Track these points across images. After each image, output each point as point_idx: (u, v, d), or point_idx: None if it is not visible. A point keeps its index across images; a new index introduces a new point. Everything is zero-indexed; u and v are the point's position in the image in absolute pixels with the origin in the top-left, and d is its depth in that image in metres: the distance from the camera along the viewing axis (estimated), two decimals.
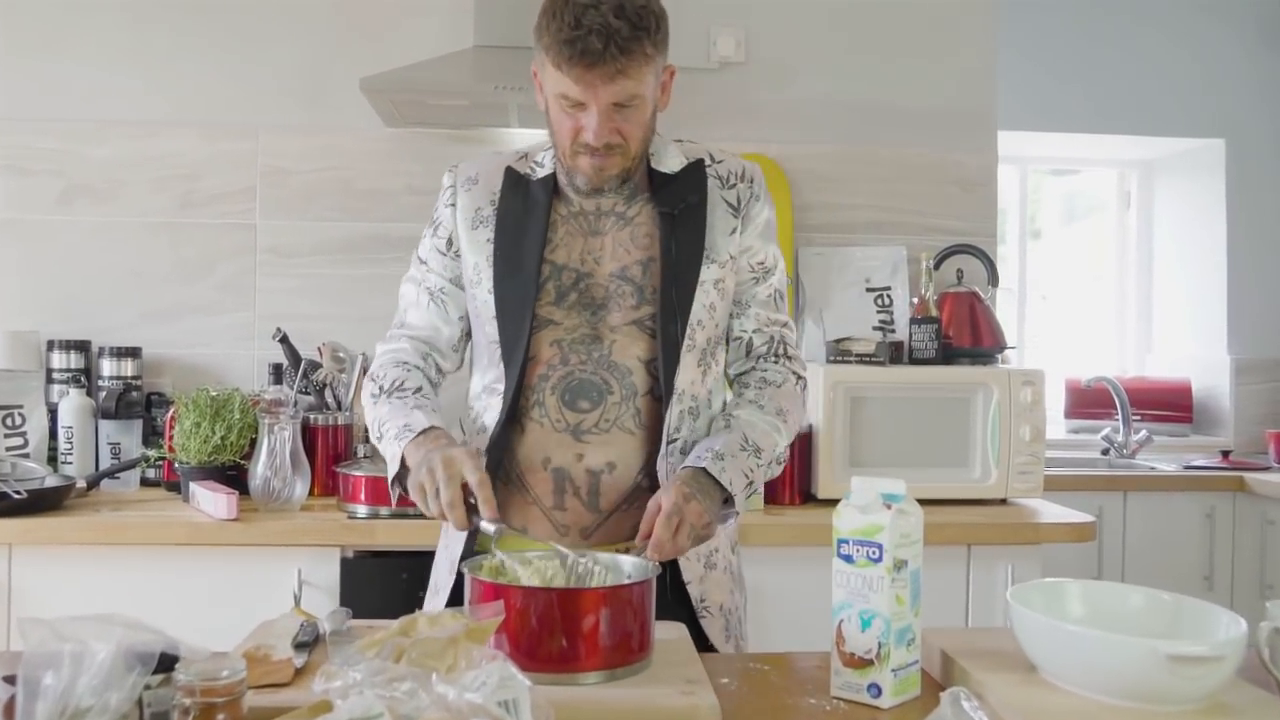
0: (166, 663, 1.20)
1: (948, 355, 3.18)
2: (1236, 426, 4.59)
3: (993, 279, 3.40)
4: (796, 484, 3.04)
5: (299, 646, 1.49)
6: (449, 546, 1.87)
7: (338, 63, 3.41)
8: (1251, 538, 3.90)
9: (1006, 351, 3.29)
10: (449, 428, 1.79)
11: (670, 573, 1.75)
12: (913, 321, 3.21)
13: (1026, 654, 1.42)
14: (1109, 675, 1.31)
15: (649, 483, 1.77)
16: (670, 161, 1.85)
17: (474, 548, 1.76)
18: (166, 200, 3.39)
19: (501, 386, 1.79)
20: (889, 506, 1.42)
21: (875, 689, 1.40)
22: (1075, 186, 5.26)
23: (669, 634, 1.56)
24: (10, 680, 1.41)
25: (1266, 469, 4.07)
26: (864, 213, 3.58)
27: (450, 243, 1.88)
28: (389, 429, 1.77)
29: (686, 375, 1.80)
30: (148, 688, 1.17)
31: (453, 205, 1.88)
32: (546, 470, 1.78)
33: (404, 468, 1.73)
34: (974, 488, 3.04)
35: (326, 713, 1.14)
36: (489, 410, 1.82)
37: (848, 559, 1.43)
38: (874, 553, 1.41)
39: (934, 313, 3.22)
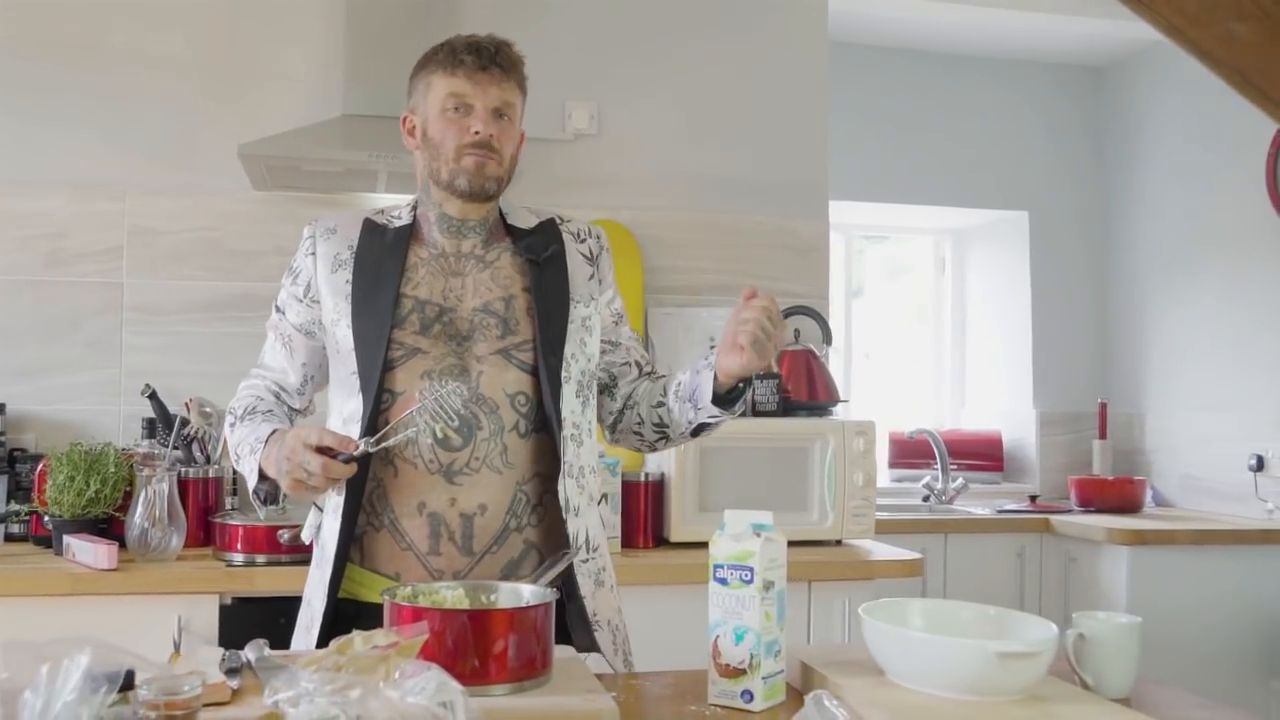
0: (126, 682, 1.32)
1: (787, 408, 3.42)
2: (1042, 474, 4.90)
3: (826, 338, 3.67)
4: (650, 528, 3.23)
5: (229, 673, 1.62)
6: (323, 578, 1.93)
7: (207, 126, 3.49)
8: (1056, 572, 4.19)
9: (840, 405, 3.55)
10: None
11: (566, 589, 1.89)
12: (755, 377, 3.44)
13: (876, 660, 1.63)
14: (947, 673, 1.53)
15: (515, 523, 1.90)
16: (524, 219, 2.05)
17: (361, 496, 1.87)
18: (31, 258, 3.41)
19: (359, 415, 1.87)
20: (759, 535, 1.62)
21: (748, 695, 1.58)
22: (893, 251, 5.52)
23: (563, 654, 1.73)
24: None
25: (1068, 511, 4.38)
26: (709, 275, 3.79)
27: (308, 289, 1.99)
28: (244, 449, 1.90)
29: (568, 405, 1.93)
30: (107, 706, 1.27)
31: (312, 254, 2.00)
32: (422, 515, 1.87)
33: (264, 479, 1.87)
34: (813, 530, 3.27)
35: None
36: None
37: (723, 581, 1.63)
38: (746, 575, 1.61)
39: (775, 369, 3.46)
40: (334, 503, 1.93)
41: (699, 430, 2.01)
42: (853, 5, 4.31)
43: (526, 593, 1.69)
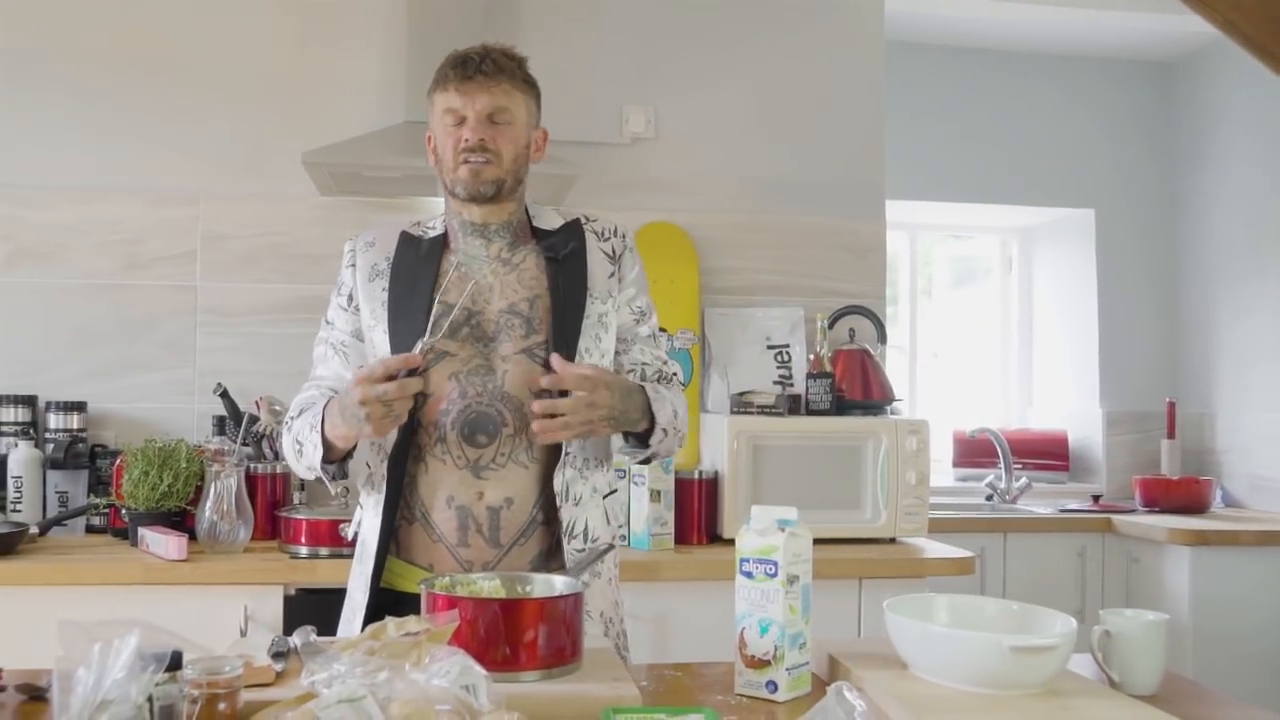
0: (173, 662, 1.40)
1: (841, 407, 3.45)
2: (1108, 474, 4.86)
3: (881, 337, 3.69)
4: (703, 525, 3.28)
5: (275, 656, 1.70)
6: (363, 571, 2.02)
7: (276, 134, 3.60)
8: (1118, 573, 4.17)
9: (894, 404, 3.56)
10: (357, 465, 2.03)
11: None
12: (809, 376, 3.47)
13: (899, 654, 1.68)
14: (964, 666, 1.57)
15: (543, 516, 1.98)
16: (550, 221, 2.12)
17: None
18: (110, 263, 3.54)
19: None
20: (783, 530, 1.67)
21: (772, 685, 1.63)
22: (961, 251, 5.52)
23: (596, 646, 1.79)
24: (21, 689, 1.62)
25: (1132, 511, 4.35)
26: (764, 276, 3.83)
27: (350, 299, 2.10)
28: (303, 434, 1.99)
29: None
30: (156, 684, 1.35)
31: (352, 266, 2.12)
32: (451, 508, 1.96)
33: (329, 461, 1.97)
34: (865, 528, 3.30)
35: (310, 702, 1.35)
36: (388, 437, 1.97)
37: (749, 575, 1.68)
38: (770, 569, 1.65)
39: (828, 368, 3.49)
40: (373, 500, 2.02)
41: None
42: (916, 6, 4.32)
43: (559, 584, 1.75)
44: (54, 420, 3.38)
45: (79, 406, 3.41)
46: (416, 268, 2.05)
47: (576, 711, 1.51)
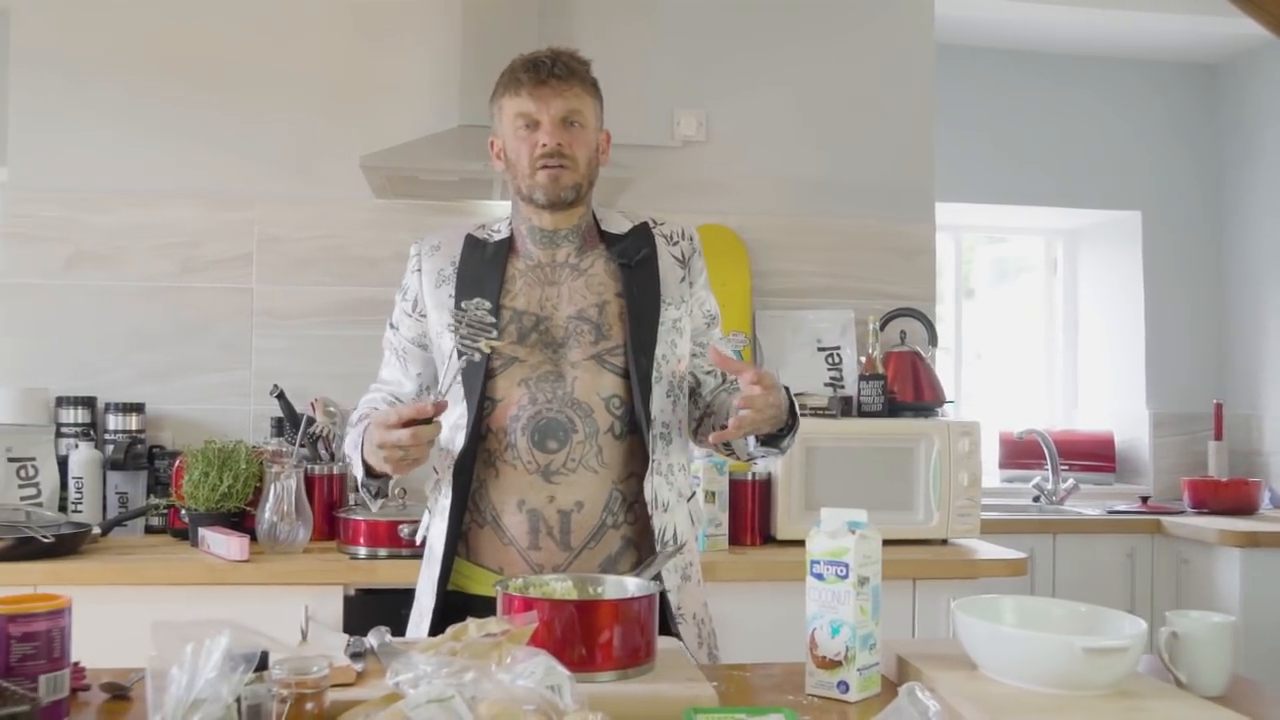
0: (260, 662, 1.43)
1: (893, 409, 3.45)
2: (1155, 475, 4.86)
3: (932, 339, 3.69)
4: (757, 526, 3.29)
5: (353, 656, 1.73)
6: (430, 574, 2.04)
7: (331, 138, 3.65)
8: (1167, 574, 4.16)
9: (945, 405, 3.57)
10: (424, 470, 2.02)
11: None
12: (861, 378, 3.48)
13: (969, 655, 1.68)
14: (1036, 667, 1.57)
15: (612, 520, 1.99)
16: (617, 224, 2.12)
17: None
18: (167, 265, 3.60)
19: (465, 421, 1.97)
20: (853, 532, 1.68)
21: (844, 685, 1.64)
22: (1005, 252, 5.50)
23: (666, 646, 1.81)
24: (105, 688, 1.65)
25: (1181, 512, 4.34)
26: (815, 279, 3.85)
27: (416, 304, 2.10)
28: (352, 451, 2.01)
29: (658, 404, 2.00)
30: (244, 684, 1.39)
31: (418, 270, 2.11)
32: (521, 512, 1.96)
33: (372, 476, 1.98)
34: (918, 529, 3.30)
35: (397, 702, 1.38)
36: (455, 443, 1.99)
37: (819, 577, 1.69)
38: (841, 571, 1.66)
39: (880, 370, 3.49)
40: (441, 505, 2.04)
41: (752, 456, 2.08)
42: (962, 10, 4.32)
43: (631, 585, 1.76)
44: (113, 421, 3.44)
45: (138, 408, 3.46)
46: (483, 272, 2.05)
47: (654, 711, 1.52)
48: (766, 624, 2.70)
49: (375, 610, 2.87)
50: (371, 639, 1.82)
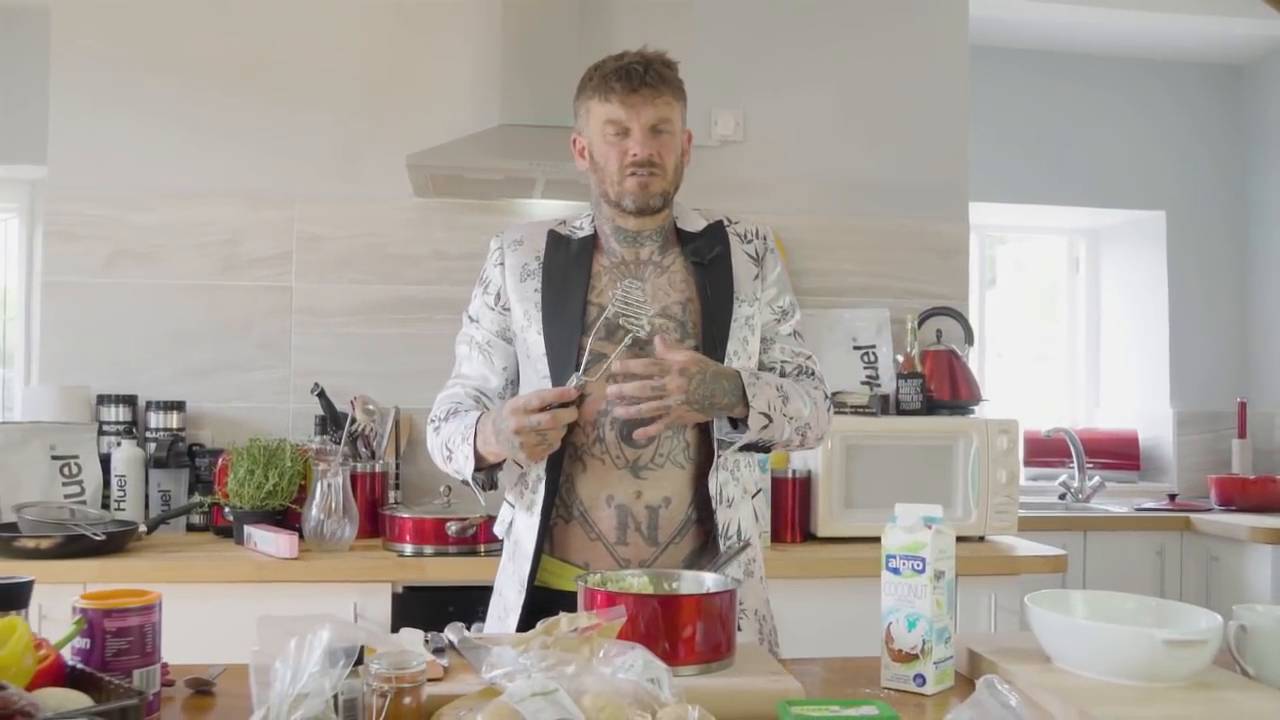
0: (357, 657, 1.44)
1: (930, 407, 3.48)
2: (1179, 473, 4.87)
3: (968, 338, 3.71)
4: (798, 524, 3.31)
5: (435, 652, 1.74)
6: (517, 570, 2.04)
7: (370, 137, 3.66)
8: (1198, 572, 4.18)
9: (981, 403, 3.59)
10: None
11: None
12: (900, 376, 3.50)
13: (1043, 647, 1.70)
14: (1115, 659, 1.59)
15: (697, 515, 2.01)
16: (693, 223, 2.13)
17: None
18: (208, 264, 3.61)
19: None
20: (929, 527, 1.70)
21: (920, 679, 1.66)
22: (1027, 251, 5.52)
23: (740, 640, 1.83)
24: (190, 684, 1.67)
25: (1209, 510, 4.36)
26: (851, 278, 3.87)
27: (499, 297, 2.11)
28: (454, 441, 2.00)
29: None
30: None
31: (501, 264, 2.12)
32: (610, 507, 1.98)
33: (479, 469, 1.98)
34: (957, 526, 3.29)
35: (494, 697, 1.38)
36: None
37: (895, 571, 1.70)
38: (918, 565, 1.68)
39: (919, 368, 3.52)
40: (528, 500, 2.04)
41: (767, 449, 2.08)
42: (987, 10, 4.34)
43: (708, 580, 1.78)
44: (154, 419, 3.46)
45: (178, 406, 3.48)
46: (568, 268, 2.06)
47: (743, 704, 1.54)
48: (811, 621, 2.72)
49: (424, 608, 2.90)
50: (450, 634, 1.84)
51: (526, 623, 1.96)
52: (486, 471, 2.02)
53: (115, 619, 1.53)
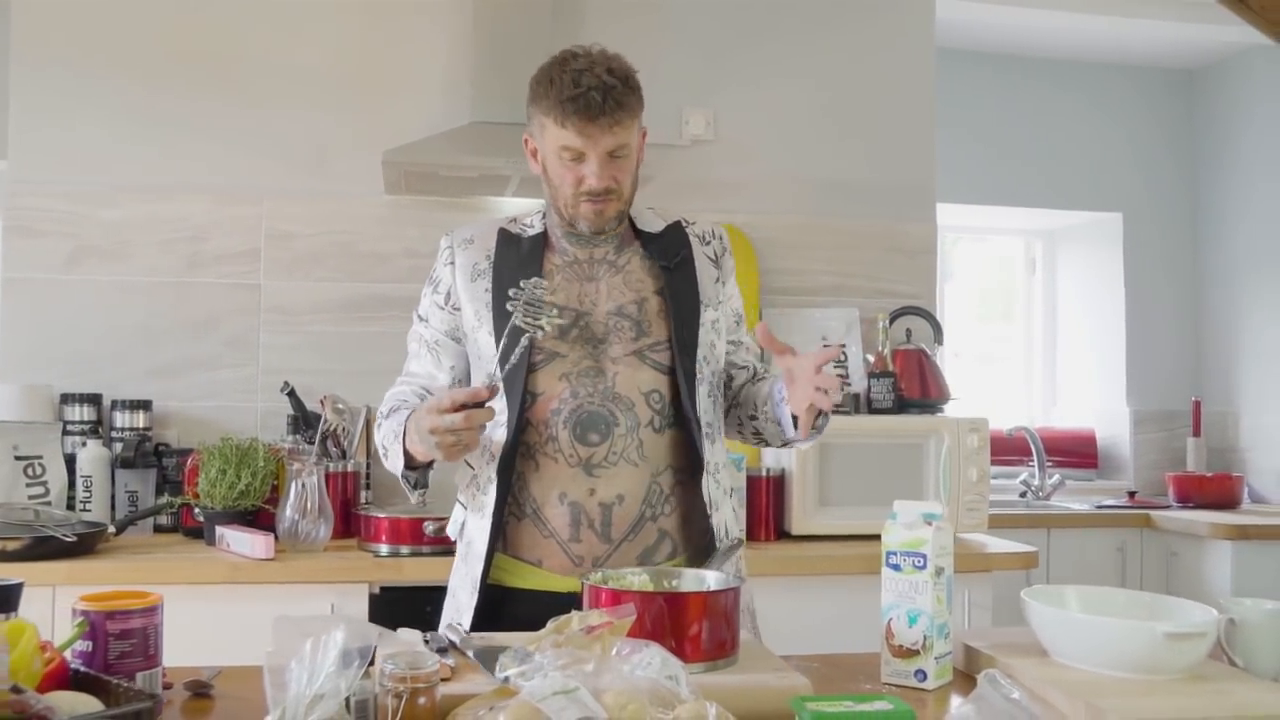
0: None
1: (901, 406, 3.51)
2: (1137, 471, 4.95)
3: (938, 338, 3.75)
4: (772, 522, 3.32)
5: (438, 652, 1.73)
6: (470, 571, 2.03)
7: (340, 134, 3.63)
8: (1158, 568, 4.26)
9: (951, 402, 3.63)
10: (457, 466, 2.03)
11: None
12: (871, 375, 3.52)
13: (1041, 641, 1.71)
14: (1115, 653, 1.60)
15: (651, 513, 1.99)
16: (650, 222, 2.12)
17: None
18: (174, 261, 3.55)
19: (505, 417, 1.95)
20: (929, 524, 1.72)
21: (921, 674, 1.68)
22: (982, 251, 5.57)
23: (742, 638, 1.83)
24: (189, 686, 1.65)
25: (1168, 507, 4.43)
26: (821, 277, 3.89)
27: (449, 297, 2.08)
28: (388, 441, 2.00)
29: (702, 405, 2.02)
30: None
31: (451, 264, 2.09)
32: (563, 505, 1.96)
33: (411, 467, 1.98)
34: None
35: (509, 697, 1.38)
36: (495, 438, 1.98)
37: (896, 568, 1.72)
38: (919, 561, 1.70)
39: (891, 367, 3.55)
40: (481, 501, 2.03)
41: (789, 442, 2.10)
42: (949, 13, 4.38)
43: (710, 579, 1.78)
44: (120, 419, 3.40)
45: (145, 405, 3.42)
46: (519, 266, 2.03)
47: (752, 701, 1.54)
48: (787, 619, 2.71)
49: (401, 608, 2.87)
50: (449, 634, 1.82)
51: (479, 624, 1.96)
52: (421, 470, 2.01)
53: (118, 621, 1.52)
